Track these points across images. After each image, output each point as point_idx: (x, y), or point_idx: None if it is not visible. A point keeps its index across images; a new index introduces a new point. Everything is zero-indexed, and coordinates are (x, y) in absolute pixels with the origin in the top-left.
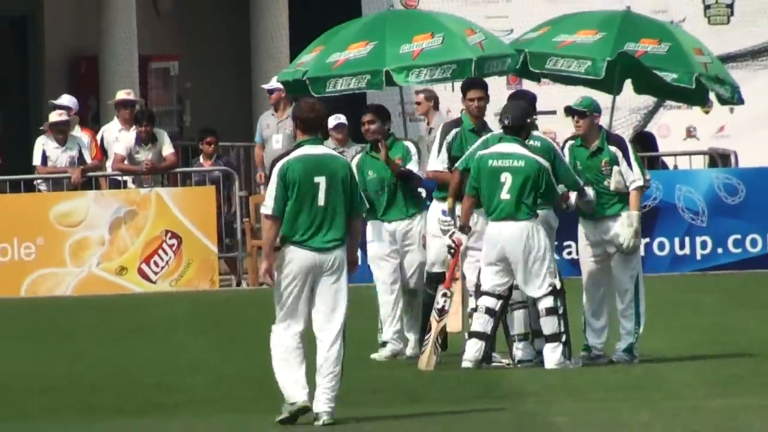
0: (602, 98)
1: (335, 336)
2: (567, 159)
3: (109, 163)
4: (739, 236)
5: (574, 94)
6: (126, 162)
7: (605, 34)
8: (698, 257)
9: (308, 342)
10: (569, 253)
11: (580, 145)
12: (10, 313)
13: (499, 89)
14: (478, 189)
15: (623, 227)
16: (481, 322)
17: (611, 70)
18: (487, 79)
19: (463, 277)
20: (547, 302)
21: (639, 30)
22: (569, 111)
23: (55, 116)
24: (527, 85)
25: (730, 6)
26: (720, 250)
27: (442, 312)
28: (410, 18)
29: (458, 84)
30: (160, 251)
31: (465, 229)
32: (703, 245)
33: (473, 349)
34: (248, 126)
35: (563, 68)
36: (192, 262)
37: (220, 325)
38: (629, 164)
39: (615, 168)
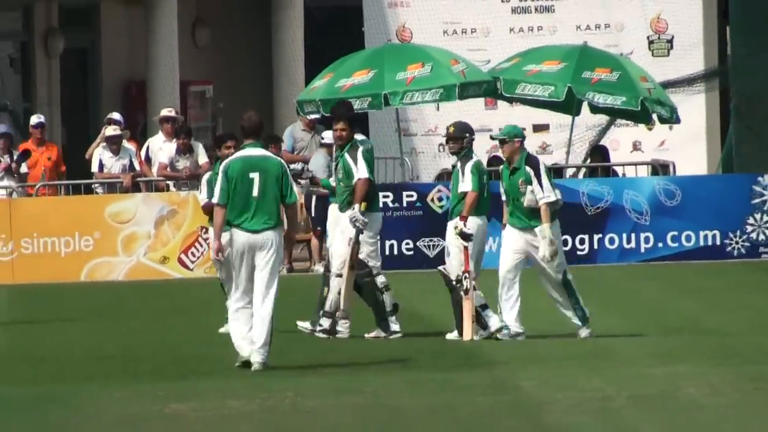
0: (564, 117)
1: (270, 301)
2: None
3: (154, 170)
4: (676, 233)
5: (540, 115)
6: (168, 169)
7: (566, 64)
8: (642, 250)
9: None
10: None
11: (505, 166)
12: (72, 295)
13: (477, 110)
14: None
15: (539, 240)
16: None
17: (572, 94)
18: (467, 101)
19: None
20: None
21: (594, 61)
22: (499, 140)
23: (110, 131)
24: (501, 105)
25: (670, 41)
26: (660, 245)
27: (467, 291)
28: (405, 50)
29: (443, 104)
30: (197, 243)
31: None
32: (647, 240)
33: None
34: None
35: (529, 93)
36: None
37: None
38: (540, 184)
39: (528, 187)
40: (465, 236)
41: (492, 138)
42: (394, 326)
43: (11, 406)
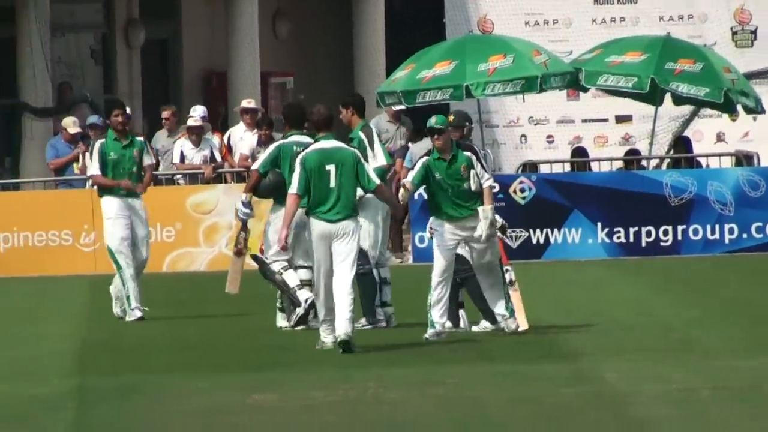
0: (646, 108)
1: (349, 283)
2: (418, 171)
3: (236, 160)
4: (760, 224)
5: (621, 105)
6: (249, 160)
7: (649, 55)
8: (726, 241)
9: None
10: (618, 237)
11: (438, 158)
12: (154, 285)
13: (559, 101)
14: None
15: (481, 220)
16: None
17: (655, 85)
18: (549, 92)
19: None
20: None
21: (677, 52)
22: (431, 131)
23: (191, 121)
24: (583, 97)
25: (754, 32)
26: (744, 236)
27: (513, 283)
28: (486, 41)
29: (528, 96)
30: None
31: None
32: (731, 231)
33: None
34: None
35: (613, 84)
36: None
37: None
38: (483, 167)
39: (472, 171)
40: (503, 228)
41: (431, 129)
42: (302, 294)
43: (94, 397)
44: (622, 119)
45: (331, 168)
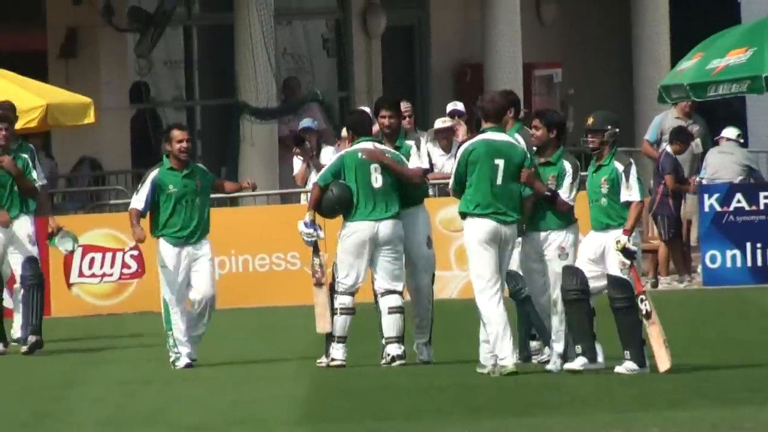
0: None
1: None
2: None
3: None
4: None
5: None
6: None
7: None
8: None
9: None
10: None
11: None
12: None
13: None
14: None
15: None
16: None
17: None
18: None
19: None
20: None
21: None
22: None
23: (439, 123)
24: None
25: None
26: None
27: (649, 315)
28: None
29: None
30: None
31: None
32: None
33: None
34: (629, 129)
35: None
36: None
37: None
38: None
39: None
40: (629, 253)
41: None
42: (335, 353)
43: None
44: None
45: (500, 163)
